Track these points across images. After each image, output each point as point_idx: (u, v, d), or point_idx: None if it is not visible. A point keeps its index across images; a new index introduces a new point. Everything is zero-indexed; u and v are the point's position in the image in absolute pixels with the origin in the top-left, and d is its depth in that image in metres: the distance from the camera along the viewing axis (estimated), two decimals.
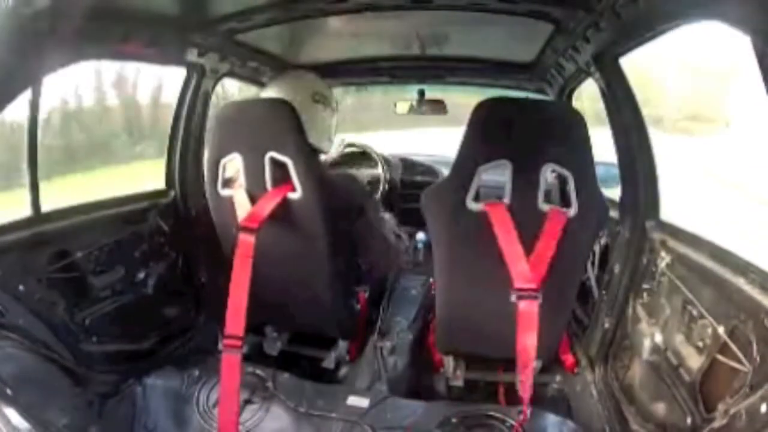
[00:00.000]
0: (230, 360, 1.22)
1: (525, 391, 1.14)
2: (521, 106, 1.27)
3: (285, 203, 1.28)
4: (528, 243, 1.16)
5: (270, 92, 1.50)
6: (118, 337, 1.54)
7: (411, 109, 2.47)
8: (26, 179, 1.30)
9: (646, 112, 1.39)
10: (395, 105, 2.53)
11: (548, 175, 1.16)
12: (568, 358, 1.56)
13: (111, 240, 1.52)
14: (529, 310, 1.11)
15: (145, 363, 1.54)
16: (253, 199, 1.29)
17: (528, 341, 1.12)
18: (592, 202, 1.16)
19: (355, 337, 1.64)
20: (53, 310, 1.33)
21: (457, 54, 2.05)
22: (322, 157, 1.54)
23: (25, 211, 1.30)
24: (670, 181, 1.40)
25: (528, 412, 1.22)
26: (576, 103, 1.92)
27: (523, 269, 1.12)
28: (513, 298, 1.12)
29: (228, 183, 1.37)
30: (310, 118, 1.33)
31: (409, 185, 2.52)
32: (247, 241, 1.24)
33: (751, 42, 0.78)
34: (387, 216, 2.11)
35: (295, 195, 1.28)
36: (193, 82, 1.69)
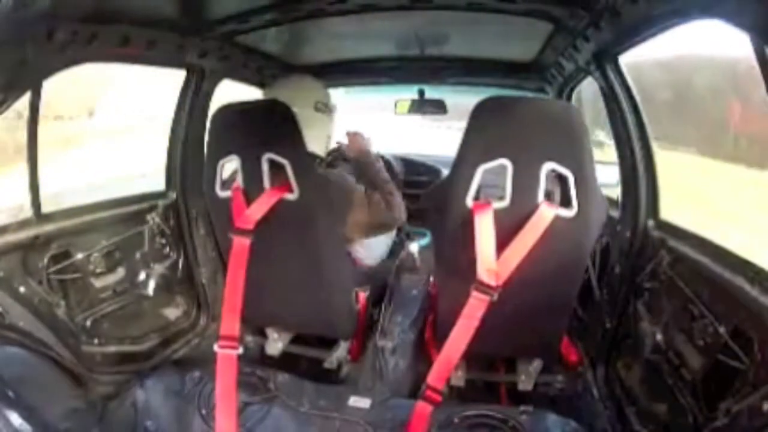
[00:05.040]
0: (226, 360, 1.21)
1: (440, 382, 1.14)
2: (521, 105, 1.27)
3: (283, 204, 1.28)
4: None
5: (271, 96, 1.48)
6: (119, 339, 1.55)
7: (411, 109, 2.47)
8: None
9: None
10: (395, 105, 2.53)
11: (548, 173, 1.16)
12: (570, 358, 1.55)
13: (112, 241, 1.53)
14: (477, 303, 1.12)
15: (146, 364, 1.54)
16: (250, 201, 1.29)
17: (462, 332, 1.13)
18: (592, 200, 1.16)
19: (355, 337, 1.63)
20: (54, 311, 1.33)
21: (456, 54, 2.05)
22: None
23: (27, 209, 1.31)
24: None
25: (528, 411, 1.22)
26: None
27: (488, 266, 1.13)
28: (472, 289, 1.13)
29: (226, 184, 1.37)
30: (312, 127, 1.32)
31: (409, 185, 2.52)
32: (241, 242, 1.24)
33: (751, 41, 0.78)
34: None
35: (293, 196, 1.27)
36: (193, 84, 1.69)
